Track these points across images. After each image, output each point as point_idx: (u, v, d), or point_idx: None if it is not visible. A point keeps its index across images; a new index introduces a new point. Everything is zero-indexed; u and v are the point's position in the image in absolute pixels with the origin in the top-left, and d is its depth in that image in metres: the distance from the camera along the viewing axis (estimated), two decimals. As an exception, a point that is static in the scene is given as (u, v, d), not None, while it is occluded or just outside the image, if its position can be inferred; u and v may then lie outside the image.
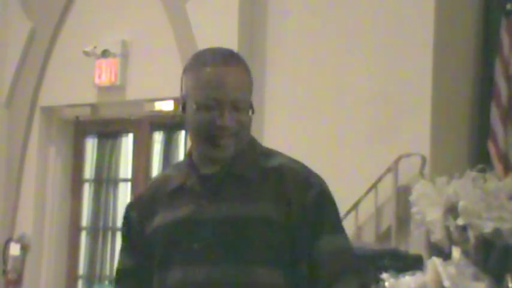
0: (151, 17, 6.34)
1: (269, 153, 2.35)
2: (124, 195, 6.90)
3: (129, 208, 2.38)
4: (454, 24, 5.08)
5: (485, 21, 5.04)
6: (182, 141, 6.55)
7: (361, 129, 5.21)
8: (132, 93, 6.49)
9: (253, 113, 2.36)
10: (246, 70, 2.32)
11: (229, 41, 5.61)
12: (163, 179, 2.35)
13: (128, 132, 6.88)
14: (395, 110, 5.13)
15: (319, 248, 2.23)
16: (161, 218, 2.30)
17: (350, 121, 5.25)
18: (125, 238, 2.37)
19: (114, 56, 6.48)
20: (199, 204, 2.26)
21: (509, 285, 4.35)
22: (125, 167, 6.91)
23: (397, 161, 4.94)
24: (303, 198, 2.25)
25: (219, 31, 5.71)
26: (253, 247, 2.23)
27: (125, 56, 6.48)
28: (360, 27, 5.24)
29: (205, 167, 2.28)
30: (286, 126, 5.42)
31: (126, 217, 2.38)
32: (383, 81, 5.17)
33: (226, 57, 2.29)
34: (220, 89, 2.26)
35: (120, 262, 2.38)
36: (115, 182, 6.97)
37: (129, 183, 6.85)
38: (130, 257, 2.34)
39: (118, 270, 2.38)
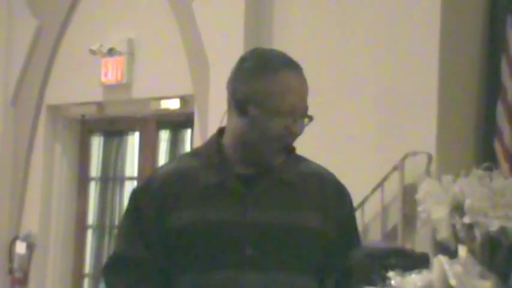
0: (157, 16, 6.35)
1: (299, 157, 2.31)
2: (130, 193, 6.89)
3: (139, 195, 2.27)
4: (460, 24, 5.07)
5: (492, 20, 5.04)
6: (188, 139, 6.55)
7: (367, 128, 5.20)
8: (138, 91, 6.49)
9: None
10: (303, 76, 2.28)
11: (235, 39, 5.61)
12: (185, 171, 2.25)
13: (134, 130, 6.88)
14: (402, 108, 5.12)
15: (353, 259, 2.28)
16: (194, 215, 2.21)
17: (356, 120, 5.24)
18: (133, 225, 2.25)
19: (120, 54, 6.48)
20: (245, 207, 2.20)
21: (515, 283, 4.34)
22: (131, 165, 6.91)
23: (403, 160, 4.93)
24: (341, 209, 2.27)
25: (225, 30, 5.71)
26: (301, 256, 2.23)
27: (131, 54, 6.49)
28: (366, 26, 5.24)
29: (241, 166, 2.23)
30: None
31: (135, 204, 2.26)
32: (389, 80, 5.16)
33: (294, 62, 2.25)
34: (298, 97, 2.20)
35: (124, 249, 2.26)
36: (121, 180, 6.98)
37: (135, 182, 6.85)
38: (139, 246, 2.23)
39: (123, 257, 2.26)
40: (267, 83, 2.21)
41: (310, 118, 2.24)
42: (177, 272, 2.23)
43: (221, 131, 2.31)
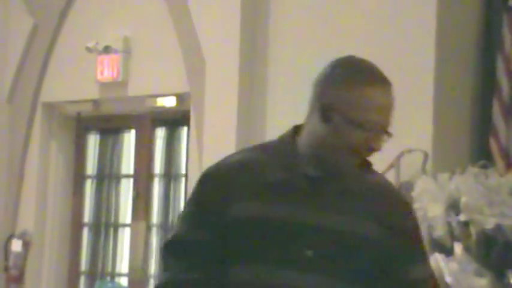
0: (153, 13, 6.34)
1: (366, 165, 2.31)
2: (126, 191, 6.90)
3: (206, 181, 2.26)
4: (456, 22, 5.07)
5: (487, 17, 5.04)
6: (184, 137, 6.55)
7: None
8: (134, 89, 6.49)
9: None
10: None
11: (231, 37, 5.61)
12: (254, 163, 2.24)
13: (129, 128, 6.88)
14: (397, 106, 5.11)
15: (414, 274, 2.24)
16: (258, 209, 2.20)
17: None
18: (197, 210, 2.24)
19: (116, 52, 6.48)
20: (308, 208, 2.20)
21: (511, 281, 4.35)
22: (127, 163, 6.91)
23: (399, 158, 4.93)
24: (403, 222, 2.26)
25: (221, 27, 5.71)
26: (359, 264, 2.22)
27: (127, 52, 6.48)
28: (361, 25, 5.24)
29: (311, 167, 2.22)
30: (289, 121, 5.42)
31: (201, 189, 2.25)
32: (385, 77, 5.16)
33: (385, 78, 2.30)
34: (383, 114, 2.26)
35: (185, 232, 2.24)
36: (117, 178, 6.97)
37: (131, 179, 6.84)
38: (200, 231, 2.22)
39: (183, 240, 2.24)
40: (355, 95, 2.23)
41: (390, 135, 2.28)
42: (233, 262, 2.22)
43: (296, 129, 2.34)
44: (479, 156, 4.78)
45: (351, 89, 2.24)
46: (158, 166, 6.70)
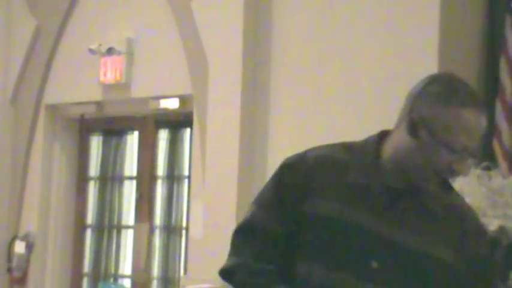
0: (156, 15, 6.34)
1: (447, 184, 2.26)
2: (129, 193, 6.90)
3: (287, 170, 2.24)
4: (459, 23, 5.07)
5: (490, 19, 5.04)
6: (188, 139, 6.55)
7: (366, 127, 5.17)
8: (137, 90, 6.49)
9: None
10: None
11: (234, 39, 5.61)
12: (336, 161, 2.22)
13: (133, 130, 6.88)
14: (400, 109, 5.12)
15: None
16: (333, 208, 2.18)
17: (355, 119, 5.24)
18: (274, 197, 2.22)
19: (119, 53, 6.48)
20: (383, 220, 2.16)
21: (513, 282, 4.34)
22: (130, 165, 6.91)
23: (402, 159, 4.93)
24: (478, 249, 2.22)
25: (224, 29, 5.71)
26: (424, 285, 2.18)
27: (130, 54, 6.48)
28: (364, 27, 5.24)
29: (391, 178, 2.19)
30: (292, 123, 5.42)
31: (281, 177, 2.23)
32: (388, 80, 5.16)
33: (480, 101, 2.21)
34: (472, 138, 2.15)
35: (259, 218, 2.21)
36: (120, 179, 6.97)
37: (135, 181, 6.84)
38: (274, 219, 2.20)
39: (255, 225, 2.20)
40: (447, 115, 2.17)
41: (475, 159, 2.22)
42: (301, 258, 2.20)
43: (382, 134, 2.30)
44: (483, 157, 4.78)
45: (446, 107, 2.17)
46: (161, 168, 6.70)
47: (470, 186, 4.32)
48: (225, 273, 2.25)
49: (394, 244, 2.16)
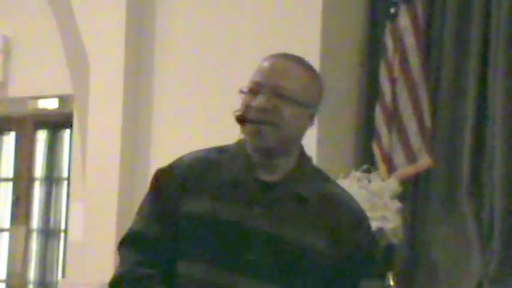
0: (35, 13, 6.21)
1: (322, 175, 2.29)
2: (5, 194, 6.75)
3: (162, 176, 2.27)
4: (340, 28, 5.14)
5: (371, 24, 5.13)
6: (67, 140, 6.45)
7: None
8: (15, 90, 6.34)
9: (312, 116, 2.33)
10: (308, 71, 2.29)
11: (116, 39, 5.55)
12: (211, 162, 2.26)
13: (10, 130, 6.74)
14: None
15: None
16: (206, 207, 2.21)
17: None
18: (153, 205, 2.26)
19: (-4, 52, 6.33)
20: (254, 212, 2.18)
21: (391, 282, 4.43)
22: (7, 166, 6.77)
23: (284, 162, 4.96)
24: (355, 237, 2.21)
25: (105, 28, 5.63)
26: (299, 274, 2.18)
27: (7, 52, 6.34)
28: (247, 28, 5.26)
29: (263, 172, 2.22)
30: (175, 125, 5.39)
31: (157, 184, 2.27)
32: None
33: (286, 55, 2.28)
34: (264, 74, 2.24)
35: (140, 227, 2.25)
36: (-5, 181, 6.81)
37: (11, 183, 6.70)
38: (155, 227, 2.24)
39: (137, 234, 2.25)
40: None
41: (278, 95, 2.24)
42: (181, 258, 2.23)
43: None
44: (363, 160, 4.86)
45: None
46: (39, 169, 6.58)
47: (350, 189, 4.39)
48: (112, 285, 2.29)
49: (268, 235, 2.18)
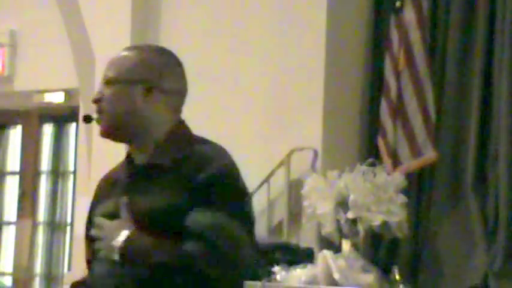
0: (41, 6, 6.22)
1: (195, 139, 2.35)
2: (12, 188, 6.76)
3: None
4: (345, 22, 5.14)
5: (376, 18, 5.13)
6: (73, 134, 6.45)
7: (253, 123, 5.22)
8: (21, 84, 6.35)
9: (146, 90, 2.34)
10: (134, 54, 2.37)
11: (122, 32, 5.55)
12: (115, 170, 2.37)
13: (16, 124, 6.75)
14: (288, 104, 5.16)
15: (191, 218, 2.19)
16: (93, 207, 2.36)
17: (242, 115, 5.26)
18: (85, 231, 2.40)
19: (2, 46, 6.34)
20: (122, 198, 2.26)
21: (396, 276, 4.43)
22: (13, 160, 6.78)
23: (289, 155, 4.97)
24: (197, 179, 2.22)
25: (111, 22, 5.64)
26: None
27: (13, 46, 6.35)
28: (253, 24, 5.26)
29: (135, 157, 2.31)
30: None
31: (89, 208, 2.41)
32: (276, 75, 5.19)
33: (126, 48, 2.41)
34: (107, 66, 2.36)
35: (86, 253, 2.40)
36: (3, 175, 6.82)
37: (18, 176, 6.71)
38: (87, 249, 2.37)
39: (86, 261, 2.40)
40: None
41: (104, 84, 2.35)
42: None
43: None
44: (368, 154, 4.86)
45: None
46: (45, 163, 6.58)
47: (355, 183, 4.39)
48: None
49: (136, 213, 2.23)
